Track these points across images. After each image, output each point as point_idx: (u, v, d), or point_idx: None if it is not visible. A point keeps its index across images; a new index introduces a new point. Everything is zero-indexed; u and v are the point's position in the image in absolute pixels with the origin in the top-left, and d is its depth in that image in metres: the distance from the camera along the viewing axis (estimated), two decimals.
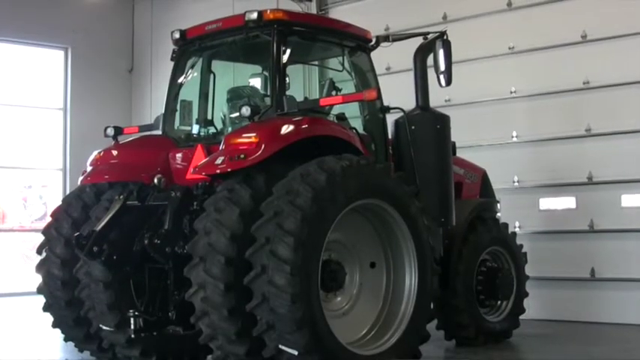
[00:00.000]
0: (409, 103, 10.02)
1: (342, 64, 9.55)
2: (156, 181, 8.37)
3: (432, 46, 9.81)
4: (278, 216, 7.10)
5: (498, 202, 11.51)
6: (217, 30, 9.19)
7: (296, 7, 16.05)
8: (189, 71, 9.62)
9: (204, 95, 9.59)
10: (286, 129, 7.78)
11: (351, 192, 7.57)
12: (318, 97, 10.15)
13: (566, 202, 13.20)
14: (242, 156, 7.49)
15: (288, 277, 6.93)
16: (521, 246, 11.07)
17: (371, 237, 8.24)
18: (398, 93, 10.18)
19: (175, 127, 9.53)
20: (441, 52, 9.63)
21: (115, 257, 8.12)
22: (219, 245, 7.23)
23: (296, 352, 7.04)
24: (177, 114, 9.54)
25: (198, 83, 9.64)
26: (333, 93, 9.53)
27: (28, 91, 19.68)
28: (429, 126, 9.90)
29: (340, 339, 7.37)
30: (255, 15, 8.67)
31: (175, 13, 18.91)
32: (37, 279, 9.42)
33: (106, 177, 9.11)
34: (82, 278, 8.64)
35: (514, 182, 13.64)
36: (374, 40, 9.82)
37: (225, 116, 9.43)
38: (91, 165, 9.31)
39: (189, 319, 7.55)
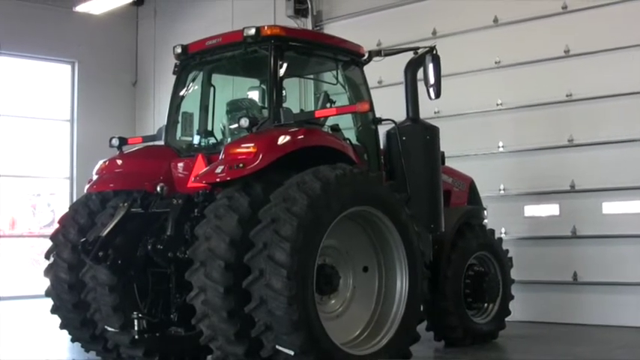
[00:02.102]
0: (400, 114, 10.04)
1: (337, 78, 9.54)
2: (158, 189, 8.37)
3: (422, 61, 9.82)
4: (275, 222, 7.10)
5: (485, 209, 11.49)
6: (217, 45, 9.19)
7: (292, 23, 16.08)
8: (191, 84, 9.62)
9: (204, 107, 9.58)
10: (283, 139, 7.78)
11: (345, 200, 7.57)
12: (313, 109, 10.17)
13: (549, 210, 13.21)
14: (241, 165, 7.50)
15: (284, 281, 6.93)
16: (507, 251, 11.08)
17: (364, 242, 8.24)
18: (389, 105, 10.19)
19: (177, 138, 9.52)
20: (430, 66, 9.63)
21: (119, 262, 8.13)
22: (219, 250, 7.23)
23: (292, 353, 7.04)
24: (179, 125, 9.53)
25: (199, 96, 9.63)
26: (328, 105, 9.52)
27: (36, 104, 19.68)
28: (419, 137, 9.92)
29: (335, 340, 7.37)
30: (253, 31, 8.68)
31: (177, 29, 18.95)
32: (46, 282, 9.40)
33: (111, 185, 9.11)
34: (88, 282, 8.63)
35: (500, 190, 13.65)
36: (367, 55, 9.81)
37: (224, 127, 9.43)
38: (96, 174, 9.32)
39: (190, 321, 7.55)
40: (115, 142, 9.40)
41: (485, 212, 11.37)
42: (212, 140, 9.41)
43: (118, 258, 8.10)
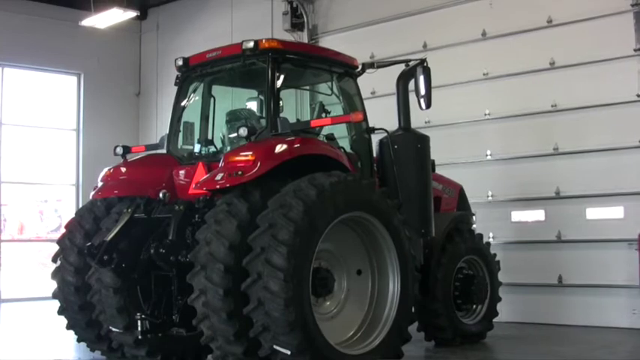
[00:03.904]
0: (392, 124, 10.05)
1: (331, 89, 9.55)
2: (161, 195, 8.37)
3: (413, 72, 9.83)
4: (272, 228, 7.11)
5: (474, 214, 11.53)
6: (217, 58, 9.20)
7: (289, 37, 16.11)
8: (192, 95, 9.62)
9: (205, 117, 9.58)
10: (280, 148, 7.80)
11: (340, 206, 7.59)
12: (309, 119, 10.16)
13: (535, 215, 13.24)
14: (240, 173, 7.51)
15: (281, 284, 6.94)
16: (495, 255, 11.09)
17: (357, 247, 8.25)
18: (382, 115, 10.19)
19: (179, 147, 9.52)
20: (421, 78, 9.66)
21: (123, 265, 8.12)
22: (219, 254, 7.24)
23: (289, 352, 7.05)
24: (181, 134, 9.53)
25: (200, 106, 9.62)
26: (323, 115, 9.52)
27: (44, 114, 19.71)
28: (411, 145, 9.93)
29: (329, 340, 7.38)
30: (251, 44, 8.69)
31: (179, 42, 18.96)
32: (53, 285, 9.41)
33: (116, 192, 9.12)
34: (94, 284, 8.63)
35: (488, 197, 13.67)
36: (360, 67, 9.83)
37: (224, 136, 9.43)
38: (101, 181, 9.32)
39: (191, 322, 7.55)
40: (120, 150, 9.40)
41: (473, 218, 11.42)
42: (212, 149, 9.42)
43: (122, 261, 8.10)
